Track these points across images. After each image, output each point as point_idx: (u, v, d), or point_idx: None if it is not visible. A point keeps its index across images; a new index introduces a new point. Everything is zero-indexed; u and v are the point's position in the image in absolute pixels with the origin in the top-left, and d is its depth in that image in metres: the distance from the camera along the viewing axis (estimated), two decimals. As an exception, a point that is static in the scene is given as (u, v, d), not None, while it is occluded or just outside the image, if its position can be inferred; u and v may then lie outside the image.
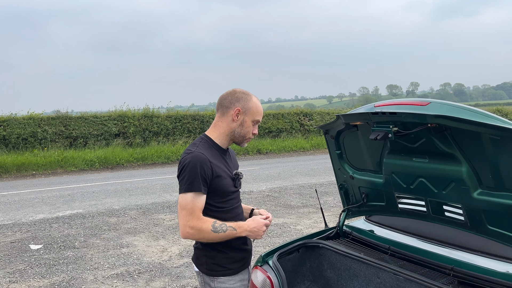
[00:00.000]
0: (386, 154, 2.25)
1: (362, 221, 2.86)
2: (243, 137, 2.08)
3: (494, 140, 1.75)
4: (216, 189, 1.99)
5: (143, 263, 4.90)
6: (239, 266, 2.10)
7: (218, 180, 1.98)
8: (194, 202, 1.91)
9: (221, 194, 2.01)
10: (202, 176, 1.91)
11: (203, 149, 1.98)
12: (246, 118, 2.05)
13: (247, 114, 2.05)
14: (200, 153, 1.95)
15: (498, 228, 1.90)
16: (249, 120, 2.06)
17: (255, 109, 2.06)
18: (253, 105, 2.06)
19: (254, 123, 2.08)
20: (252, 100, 2.06)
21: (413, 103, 1.97)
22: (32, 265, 4.93)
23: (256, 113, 2.07)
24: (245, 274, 2.15)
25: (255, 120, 2.08)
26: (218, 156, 2.04)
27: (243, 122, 2.05)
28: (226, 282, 2.06)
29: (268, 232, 5.95)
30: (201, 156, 1.94)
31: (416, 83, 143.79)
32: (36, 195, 9.18)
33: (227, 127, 2.06)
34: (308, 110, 21.98)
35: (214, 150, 2.04)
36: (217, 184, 1.98)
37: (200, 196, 1.93)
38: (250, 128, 2.07)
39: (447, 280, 2.05)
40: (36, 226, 6.60)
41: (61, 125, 15.46)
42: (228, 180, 2.03)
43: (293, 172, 11.78)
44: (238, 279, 2.10)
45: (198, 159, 1.92)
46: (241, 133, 2.06)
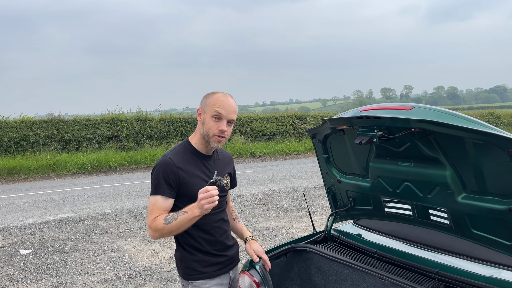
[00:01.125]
0: (372, 158, 2.26)
1: (350, 225, 2.87)
2: (208, 136, 1.99)
3: (477, 144, 1.76)
4: (186, 194, 1.97)
5: (134, 267, 4.87)
6: (214, 270, 2.07)
7: (186, 186, 1.97)
8: (155, 204, 1.94)
9: (193, 199, 1.90)
10: (166, 181, 1.93)
11: (174, 154, 2.00)
12: (205, 116, 1.99)
13: (206, 111, 1.99)
14: (168, 158, 1.97)
15: (482, 232, 1.91)
16: (208, 117, 1.97)
17: (212, 103, 1.97)
18: (211, 100, 1.98)
19: (214, 118, 1.96)
20: (213, 97, 2.00)
21: (397, 107, 1.98)
22: (21, 270, 4.88)
23: (213, 106, 1.95)
24: (223, 279, 2.11)
25: (214, 114, 1.95)
26: (193, 161, 2.02)
27: (204, 120, 2.00)
28: (200, 285, 2.04)
29: (260, 236, 5.94)
30: (168, 161, 1.96)
31: (410, 87, 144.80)
32: (27, 199, 9.11)
33: (199, 130, 2.05)
34: (302, 113, 22.04)
35: (191, 155, 2.03)
36: (186, 189, 1.97)
37: (163, 200, 1.94)
38: (211, 124, 1.96)
39: (433, 284, 2.06)
40: (26, 231, 6.54)
41: (53, 128, 15.37)
42: (201, 186, 1.90)
43: (287, 175, 11.78)
44: (214, 283, 2.07)
45: (163, 164, 1.95)
46: (204, 132, 2.00)
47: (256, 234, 6.03)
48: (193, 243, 2.05)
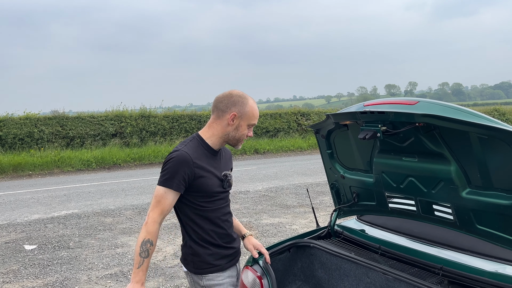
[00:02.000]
0: (376, 153, 2.25)
1: (353, 221, 2.86)
2: (238, 140, 2.09)
3: (482, 139, 1.74)
4: (200, 189, 2.01)
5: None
6: (226, 262, 2.11)
7: (201, 180, 2.00)
8: (163, 196, 1.96)
9: (206, 194, 2.02)
10: (181, 175, 1.95)
11: (189, 149, 2.01)
12: (242, 123, 2.05)
13: (243, 118, 2.05)
14: (185, 152, 1.98)
15: (486, 227, 1.90)
16: (245, 124, 2.06)
17: (251, 113, 2.05)
18: (250, 109, 2.05)
19: (249, 126, 2.08)
20: (249, 104, 2.05)
21: (401, 102, 1.97)
22: (26, 265, 4.91)
23: (252, 117, 2.06)
24: (233, 271, 2.15)
25: (251, 124, 2.08)
26: (206, 156, 2.05)
27: (238, 126, 2.05)
28: (214, 279, 2.07)
29: (263, 232, 5.94)
30: (185, 156, 1.97)
31: (414, 83, 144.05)
32: (32, 195, 9.15)
33: (222, 130, 2.06)
34: (305, 110, 21.98)
35: (202, 150, 2.05)
36: (200, 184, 2.00)
37: (171, 193, 1.97)
38: (245, 132, 2.08)
39: (437, 279, 2.05)
40: (31, 227, 6.58)
41: (57, 125, 15.42)
42: (213, 181, 2.04)
43: (290, 171, 11.77)
44: (226, 275, 2.11)
45: (181, 158, 1.96)
46: (235, 137, 2.07)
47: (260, 230, 6.04)
48: (206, 237, 2.07)
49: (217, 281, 2.07)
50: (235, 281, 2.17)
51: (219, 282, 2.08)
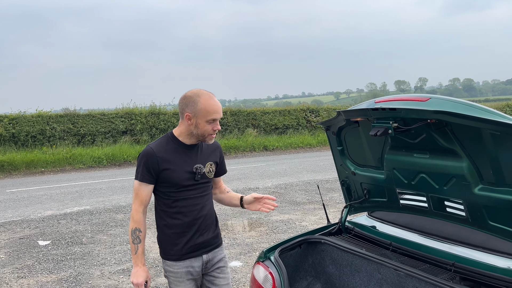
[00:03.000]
0: (387, 150, 2.25)
1: (364, 217, 2.86)
2: (203, 136, 2.19)
3: (494, 135, 1.74)
4: (166, 180, 2.17)
5: (149, 259, 4.94)
6: (186, 253, 2.23)
7: (167, 173, 2.16)
8: (138, 188, 2.19)
9: (172, 185, 2.18)
10: (147, 169, 2.15)
11: (156, 145, 2.20)
12: (199, 121, 2.14)
13: (198, 117, 2.13)
14: (149, 148, 2.18)
15: (499, 223, 1.90)
16: (202, 122, 2.13)
17: (204, 110, 2.11)
18: (202, 106, 2.11)
19: (209, 122, 2.14)
20: (201, 102, 2.11)
21: (413, 98, 1.97)
22: (40, 260, 5.00)
23: (207, 114, 2.12)
24: (195, 262, 2.25)
25: (209, 120, 2.13)
26: (176, 151, 2.20)
27: (197, 124, 2.15)
28: (171, 266, 2.24)
29: (273, 228, 5.97)
30: (149, 151, 2.16)
31: (424, 79, 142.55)
32: (44, 192, 9.29)
33: (186, 129, 2.20)
34: (314, 106, 21.92)
35: (172, 145, 2.21)
36: (167, 176, 2.16)
37: (144, 186, 2.17)
38: (206, 127, 2.15)
39: (448, 275, 2.05)
40: (44, 223, 6.69)
41: (69, 122, 15.60)
42: (181, 173, 2.18)
43: (299, 168, 11.77)
44: (183, 265, 2.23)
45: (145, 153, 2.17)
46: (199, 133, 2.18)
47: (270, 227, 6.06)
48: (170, 226, 2.23)
49: (173, 268, 2.23)
50: (198, 271, 2.27)
51: (174, 270, 2.23)
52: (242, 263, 4.70)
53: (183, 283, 2.24)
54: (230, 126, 18.10)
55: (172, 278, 2.25)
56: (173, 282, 2.25)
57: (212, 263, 2.32)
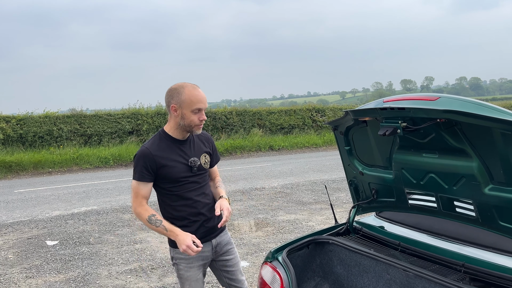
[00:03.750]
0: (396, 149, 2.24)
1: (372, 217, 2.85)
2: (190, 127, 2.26)
3: (505, 135, 1.72)
4: (165, 176, 2.26)
5: (156, 259, 4.96)
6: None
7: (165, 169, 2.24)
8: (137, 188, 2.26)
9: (171, 180, 2.27)
10: (145, 167, 2.22)
11: (150, 144, 2.27)
12: (184, 111, 2.22)
13: (183, 107, 2.21)
14: (145, 148, 2.25)
15: (509, 224, 1.88)
16: (188, 112, 2.21)
17: (188, 100, 2.20)
18: (186, 97, 2.20)
19: (194, 112, 2.22)
20: (185, 93, 2.20)
21: (422, 98, 1.95)
22: (48, 260, 5.03)
23: (191, 103, 2.20)
24: (204, 247, 2.35)
25: (195, 109, 2.21)
26: (169, 147, 2.28)
27: (183, 115, 2.23)
28: (182, 253, 2.30)
29: (280, 228, 5.96)
30: (145, 151, 2.24)
31: (431, 78, 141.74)
32: (52, 192, 9.35)
33: (174, 122, 2.28)
34: (320, 106, 21.87)
35: (166, 142, 2.29)
36: (165, 172, 2.25)
37: (143, 184, 2.25)
38: (192, 117, 2.23)
39: (458, 276, 2.03)
40: (52, 223, 6.73)
41: (76, 123, 15.69)
42: (179, 168, 2.27)
43: (305, 168, 11.75)
44: None
45: (142, 154, 2.24)
46: (186, 124, 2.25)
47: (276, 227, 6.06)
48: (176, 216, 2.32)
49: (183, 255, 2.33)
50: (208, 255, 2.41)
51: (185, 256, 2.34)
52: (249, 263, 4.69)
53: (193, 268, 2.36)
54: (236, 126, 18.10)
55: (183, 264, 2.35)
56: (183, 268, 2.35)
57: (221, 246, 2.47)
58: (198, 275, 2.41)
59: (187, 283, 2.39)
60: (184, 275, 2.37)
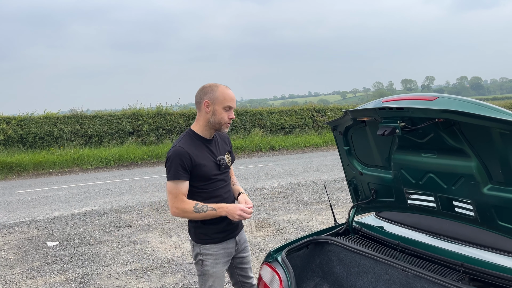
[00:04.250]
0: (395, 149, 2.24)
1: (372, 217, 2.84)
2: (219, 124, 2.33)
3: (503, 134, 1.72)
4: (198, 174, 2.31)
5: (157, 259, 4.96)
6: (222, 237, 2.41)
7: (199, 168, 2.30)
8: (176, 187, 2.27)
9: (204, 178, 2.33)
10: (182, 166, 2.25)
11: (183, 143, 2.31)
12: (216, 107, 2.30)
13: (216, 103, 2.30)
14: (180, 147, 2.28)
15: (508, 223, 1.87)
16: (220, 108, 2.30)
17: (221, 97, 2.30)
18: (219, 94, 2.30)
19: (226, 109, 2.31)
20: (218, 90, 2.31)
21: (420, 98, 1.95)
22: (49, 261, 5.03)
23: (224, 100, 2.30)
24: (229, 243, 2.45)
25: (226, 107, 2.31)
26: (200, 146, 2.34)
27: (214, 111, 2.31)
28: (210, 249, 2.39)
29: (280, 228, 5.96)
30: (180, 150, 2.27)
31: (431, 77, 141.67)
32: (52, 193, 9.36)
33: (204, 119, 2.35)
34: (321, 106, 21.86)
35: (196, 142, 2.35)
36: (198, 171, 2.30)
37: (182, 183, 2.27)
38: (223, 115, 2.31)
39: (457, 276, 2.03)
40: (52, 223, 6.74)
41: (76, 123, 15.70)
42: (210, 166, 2.34)
43: (306, 168, 11.75)
44: (221, 247, 2.41)
45: (177, 153, 2.26)
46: (215, 121, 2.32)
47: (276, 227, 6.05)
48: None
49: (211, 251, 2.39)
50: (231, 252, 2.48)
51: (213, 252, 2.39)
52: (249, 263, 4.69)
53: (219, 264, 2.41)
54: (236, 126, 18.11)
55: (210, 260, 2.39)
56: (210, 264, 2.39)
57: (241, 243, 2.55)
58: (222, 272, 2.44)
59: (211, 279, 2.40)
60: (210, 271, 2.39)
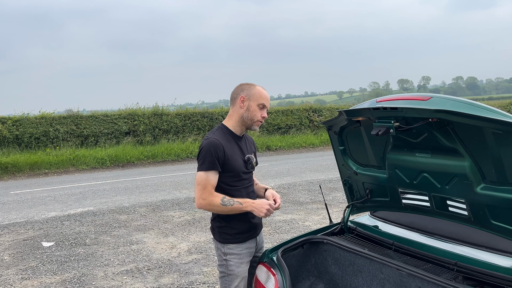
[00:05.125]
0: (389, 149, 2.25)
1: (366, 217, 2.86)
2: (252, 120, 2.37)
3: (496, 134, 1.73)
4: (229, 169, 2.32)
5: (153, 259, 4.95)
6: (246, 236, 2.43)
7: (230, 162, 2.31)
8: (207, 179, 2.26)
9: (234, 174, 2.34)
10: (216, 158, 2.25)
11: (218, 136, 2.33)
12: (251, 103, 2.35)
13: (251, 99, 2.35)
14: (215, 139, 2.29)
15: (501, 222, 1.89)
16: (254, 105, 2.35)
17: (258, 94, 2.36)
18: (256, 91, 2.36)
19: (260, 107, 2.36)
20: (255, 88, 2.37)
21: (414, 98, 1.96)
22: (44, 262, 5.02)
23: (260, 98, 2.35)
24: (252, 243, 2.47)
25: (260, 104, 2.35)
26: (231, 141, 2.37)
27: (249, 107, 2.35)
28: (234, 248, 2.40)
29: (276, 228, 5.97)
30: (215, 141, 2.28)
31: (427, 77, 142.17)
32: (48, 193, 9.32)
33: (237, 115, 2.38)
34: (317, 106, 21.87)
35: (228, 137, 2.37)
36: (229, 165, 2.31)
37: (212, 174, 2.27)
38: (256, 112, 2.36)
39: (451, 275, 2.04)
40: (48, 224, 6.71)
41: (72, 124, 15.65)
42: (240, 163, 2.36)
43: (302, 168, 11.76)
44: (245, 246, 2.43)
45: (212, 144, 2.27)
46: (249, 117, 2.36)
47: (273, 227, 6.06)
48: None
49: (236, 250, 2.40)
50: (253, 252, 2.49)
51: (237, 252, 2.40)
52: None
53: (244, 264, 2.42)
54: (232, 126, 18.09)
55: (235, 260, 2.39)
56: (235, 264, 2.38)
57: (260, 243, 2.58)
58: (246, 272, 2.44)
59: (237, 280, 2.38)
60: (235, 271, 2.38)
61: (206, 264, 4.72)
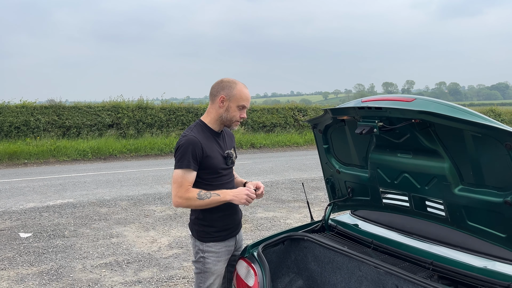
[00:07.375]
0: (372, 149, 2.28)
1: (347, 216, 2.89)
2: (230, 121, 2.33)
3: (476, 137, 1.78)
4: (207, 166, 2.27)
5: (132, 253, 4.92)
6: (225, 235, 2.40)
7: (208, 159, 2.26)
8: (183, 176, 2.21)
9: (212, 171, 2.30)
10: (193, 156, 2.21)
11: (196, 133, 2.28)
12: (231, 104, 2.29)
13: (232, 100, 2.29)
14: (193, 136, 2.24)
15: (477, 224, 1.94)
16: (234, 106, 2.29)
17: (238, 95, 2.29)
18: (237, 92, 2.29)
19: (239, 108, 2.31)
20: (237, 88, 2.29)
21: (399, 99, 2.00)
22: (21, 253, 4.93)
23: (240, 99, 2.29)
24: (231, 241, 2.45)
25: (240, 105, 2.30)
26: (210, 138, 2.32)
27: (228, 108, 2.29)
28: (212, 247, 2.37)
29: (258, 225, 5.99)
30: (193, 139, 2.23)
31: (411, 81, 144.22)
32: (27, 184, 9.15)
33: (216, 113, 2.33)
34: (303, 105, 21.98)
35: (206, 133, 2.32)
36: (208, 162, 2.27)
37: (190, 172, 2.22)
38: (236, 113, 2.31)
39: (427, 274, 2.09)
40: (26, 215, 6.59)
41: (54, 114, 15.37)
42: (219, 159, 2.32)
43: (286, 166, 11.81)
44: (223, 245, 2.40)
45: (190, 141, 2.22)
46: (227, 117, 2.31)
47: (254, 224, 6.08)
48: (212, 209, 2.31)
49: (214, 248, 2.36)
50: (231, 250, 2.46)
51: (216, 250, 2.37)
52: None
53: (221, 262, 2.39)
54: (217, 123, 18.04)
55: (212, 258, 2.36)
56: (212, 262, 2.36)
57: (239, 242, 2.55)
58: (223, 270, 2.42)
59: (212, 277, 2.36)
60: (212, 269, 2.35)
61: (187, 259, 4.70)
